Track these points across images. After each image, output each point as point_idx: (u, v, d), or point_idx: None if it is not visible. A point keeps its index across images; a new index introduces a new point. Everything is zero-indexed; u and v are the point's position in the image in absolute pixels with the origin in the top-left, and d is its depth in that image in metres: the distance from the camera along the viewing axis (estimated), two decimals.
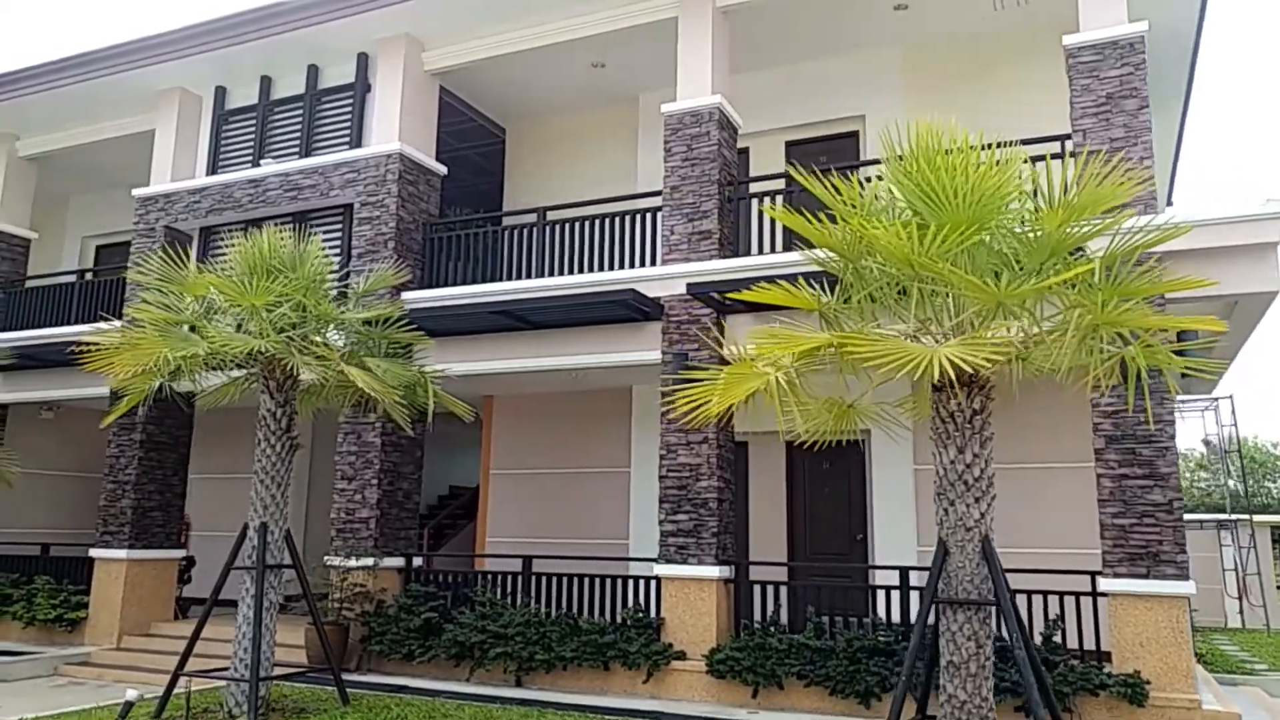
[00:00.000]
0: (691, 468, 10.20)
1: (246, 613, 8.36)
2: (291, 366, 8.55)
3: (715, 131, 10.84)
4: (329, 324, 8.49)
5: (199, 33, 13.52)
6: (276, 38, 13.12)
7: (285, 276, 8.36)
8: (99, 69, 14.32)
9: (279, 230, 8.86)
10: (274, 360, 8.51)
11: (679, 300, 10.60)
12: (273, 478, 8.59)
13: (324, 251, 9.03)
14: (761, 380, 6.00)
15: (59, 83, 14.68)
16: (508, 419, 14.26)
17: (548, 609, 10.74)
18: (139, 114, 15.05)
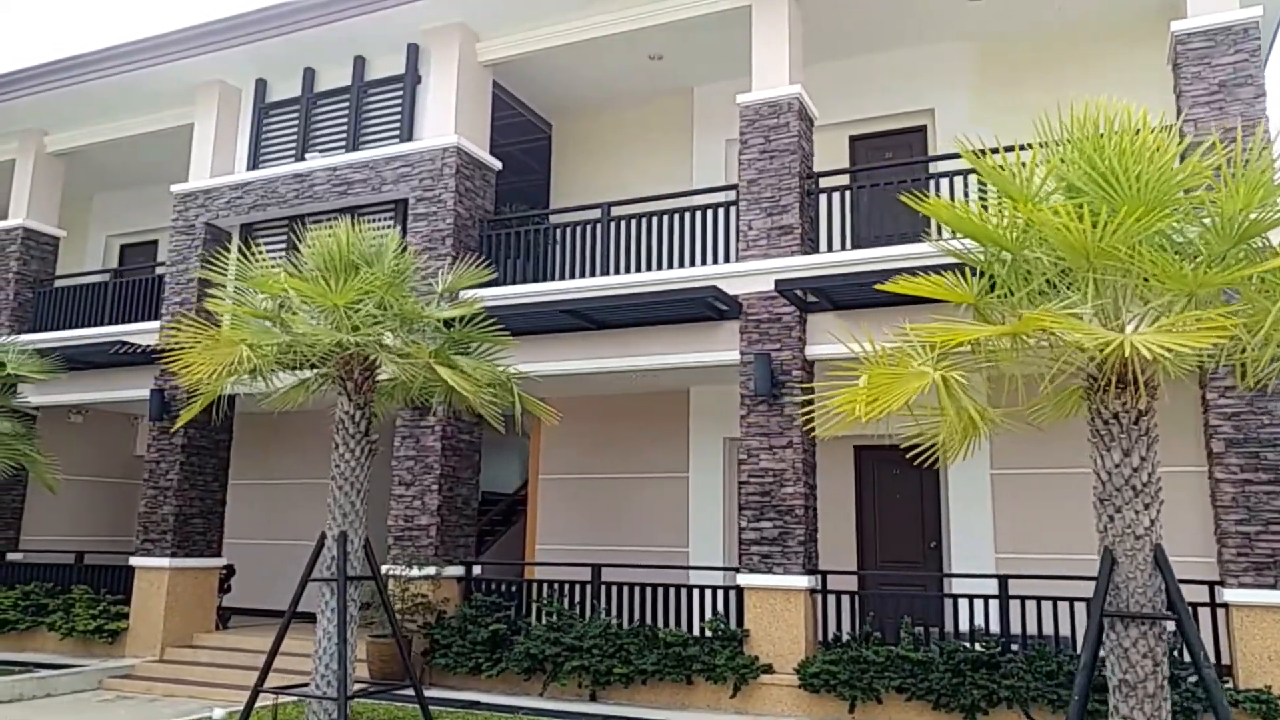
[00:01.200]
0: (775, 473, 9.78)
1: (327, 626, 7.90)
2: (374, 364, 8.11)
3: (795, 122, 10.44)
4: (411, 322, 8.02)
5: (239, 24, 13.06)
6: (321, 29, 12.68)
7: (365, 272, 7.90)
8: (132, 62, 13.85)
9: (356, 223, 8.39)
10: (354, 358, 8.07)
11: (759, 298, 10.18)
12: (351, 484, 8.14)
13: (403, 246, 8.57)
14: (923, 381, 5.56)
15: (89, 77, 14.21)
16: (558, 424, 13.77)
17: (617, 620, 10.30)
18: (172, 109, 14.59)
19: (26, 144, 15.56)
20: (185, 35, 13.43)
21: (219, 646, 12.39)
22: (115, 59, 13.94)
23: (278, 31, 12.93)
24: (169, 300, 13.42)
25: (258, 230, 13.54)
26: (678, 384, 12.79)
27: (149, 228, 17.92)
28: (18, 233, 15.23)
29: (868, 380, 5.94)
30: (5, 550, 14.49)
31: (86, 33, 33.96)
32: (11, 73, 14.78)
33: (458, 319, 8.28)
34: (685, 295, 9.94)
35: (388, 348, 7.68)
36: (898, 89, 12.45)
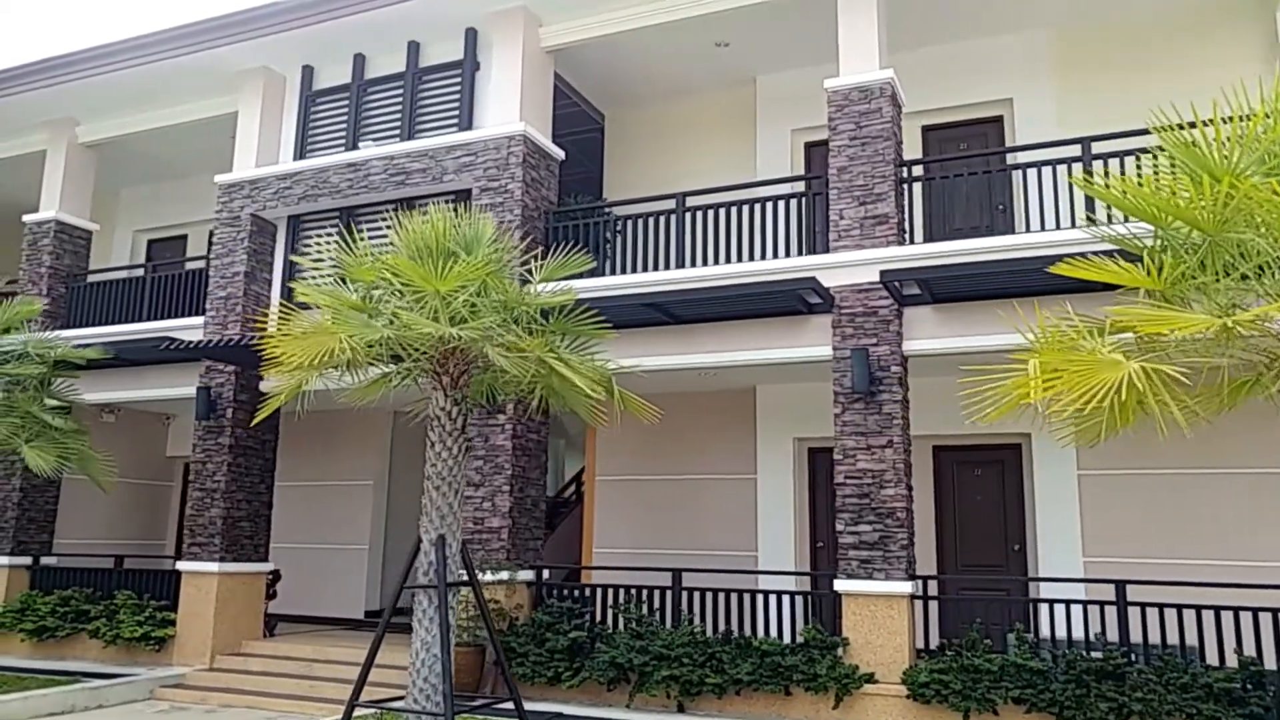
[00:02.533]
0: (874, 474, 9.36)
1: (426, 636, 7.44)
2: (470, 358, 7.65)
3: (887, 108, 10.04)
4: (513, 311, 7.56)
5: (286, 9, 12.58)
6: (373, 13, 12.22)
7: (465, 258, 7.44)
8: (171, 50, 13.36)
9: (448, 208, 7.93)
10: (451, 352, 7.61)
11: (852, 290, 9.76)
12: (449, 484, 7.68)
13: (498, 232, 8.12)
14: (1117, 372, 5.13)
15: (125, 65, 13.72)
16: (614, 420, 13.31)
17: (700, 626, 9.85)
18: (211, 98, 14.11)
19: (58, 135, 15.04)
20: (229, 21, 12.95)
21: (270, 655, 11.90)
22: (153, 46, 13.44)
23: (327, 16, 12.46)
24: (213, 294, 12.92)
25: (306, 222, 13.06)
26: (743, 382, 12.37)
27: (177, 222, 17.45)
28: (50, 226, 14.71)
29: (1039, 367, 5.51)
30: (39, 554, 13.94)
31: (121, 20, 33.05)
32: (43, 61, 14.29)
33: (556, 310, 7.81)
34: (777, 288, 9.52)
35: (499, 340, 7.20)
36: (973, 79, 12.07)
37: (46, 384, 10.83)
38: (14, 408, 10.29)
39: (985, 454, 11.66)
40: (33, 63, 14.35)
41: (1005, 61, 11.94)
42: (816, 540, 12.23)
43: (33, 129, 15.20)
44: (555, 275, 7.93)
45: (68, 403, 11.00)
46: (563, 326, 7.72)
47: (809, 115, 12.87)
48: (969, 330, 9.36)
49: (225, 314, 12.69)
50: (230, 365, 12.46)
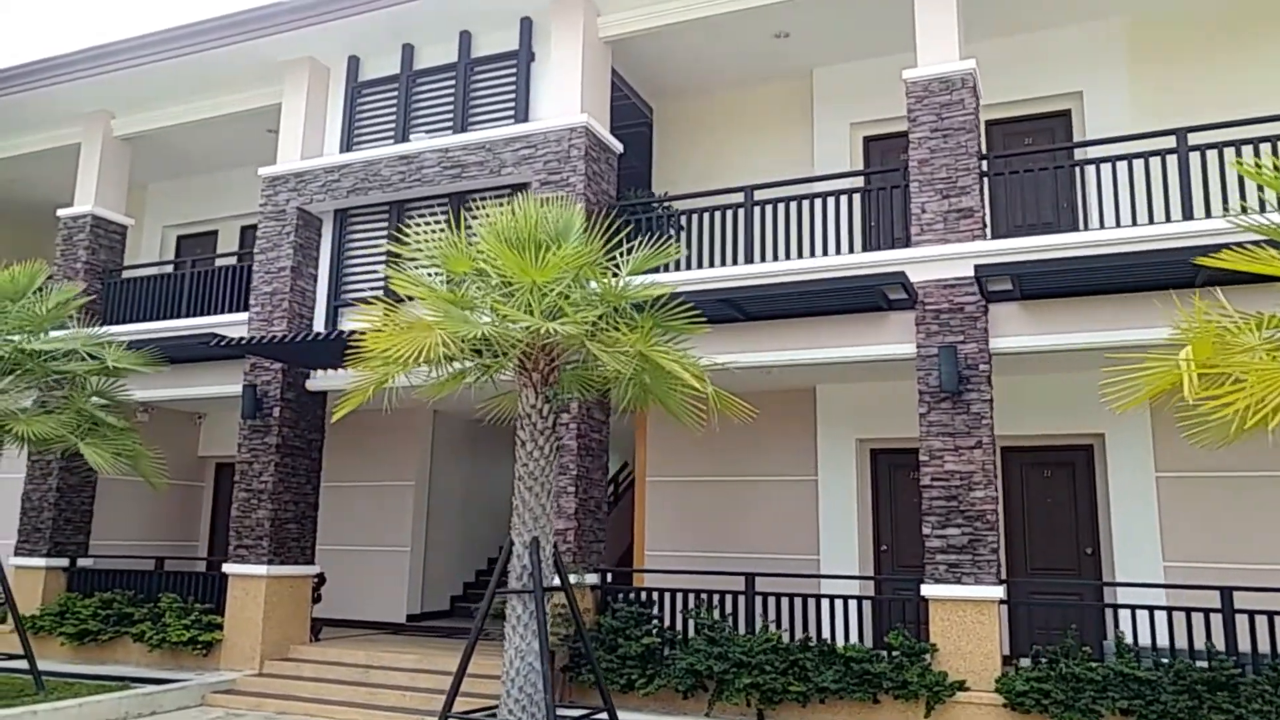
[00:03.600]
0: (962, 475, 9.06)
1: (521, 644, 7.12)
2: (560, 353, 7.35)
3: (969, 99, 9.74)
4: (608, 305, 7.25)
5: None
6: (423, 2, 11.92)
7: (555, 250, 7.14)
8: (212, 40, 13.05)
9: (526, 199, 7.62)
10: (541, 347, 7.30)
11: (936, 286, 9.48)
12: (541, 484, 7.38)
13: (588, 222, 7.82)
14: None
15: (164, 56, 13.41)
16: (666, 422, 12.97)
17: (779, 632, 9.55)
18: (250, 89, 13.79)
19: (93, 127, 14.71)
20: (273, 10, 12.65)
21: (321, 660, 11.57)
22: (194, 37, 13.13)
23: (375, 6, 12.17)
24: (258, 290, 12.59)
25: (354, 216, 12.74)
26: (803, 382, 12.08)
27: (207, 218, 17.13)
28: (86, 220, 14.38)
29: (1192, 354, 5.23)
30: (76, 556, 13.60)
31: (160, 10, 32.60)
32: (79, 52, 13.99)
33: (649, 304, 7.50)
34: (861, 283, 9.22)
35: (601, 335, 6.89)
36: (1041, 72, 11.78)
37: (99, 382, 10.47)
38: (67, 404, 9.94)
39: (1055, 455, 11.39)
40: (69, 54, 14.05)
41: (1075, 53, 11.66)
42: (880, 544, 11.94)
43: (67, 121, 14.86)
44: (644, 266, 7.62)
45: (114, 400, 10.64)
46: (657, 321, 7.38)
47: (868, 109, 12.66)
48: (1060, 328, 9.09)
49: (271, 310, 12.36)
50: (277, 363, 12.13)
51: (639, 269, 7.70)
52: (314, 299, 12.68)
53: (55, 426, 9.52)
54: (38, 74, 14.17)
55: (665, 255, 7.66)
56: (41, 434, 9.37)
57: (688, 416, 7.66)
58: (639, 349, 6.85)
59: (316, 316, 12.63)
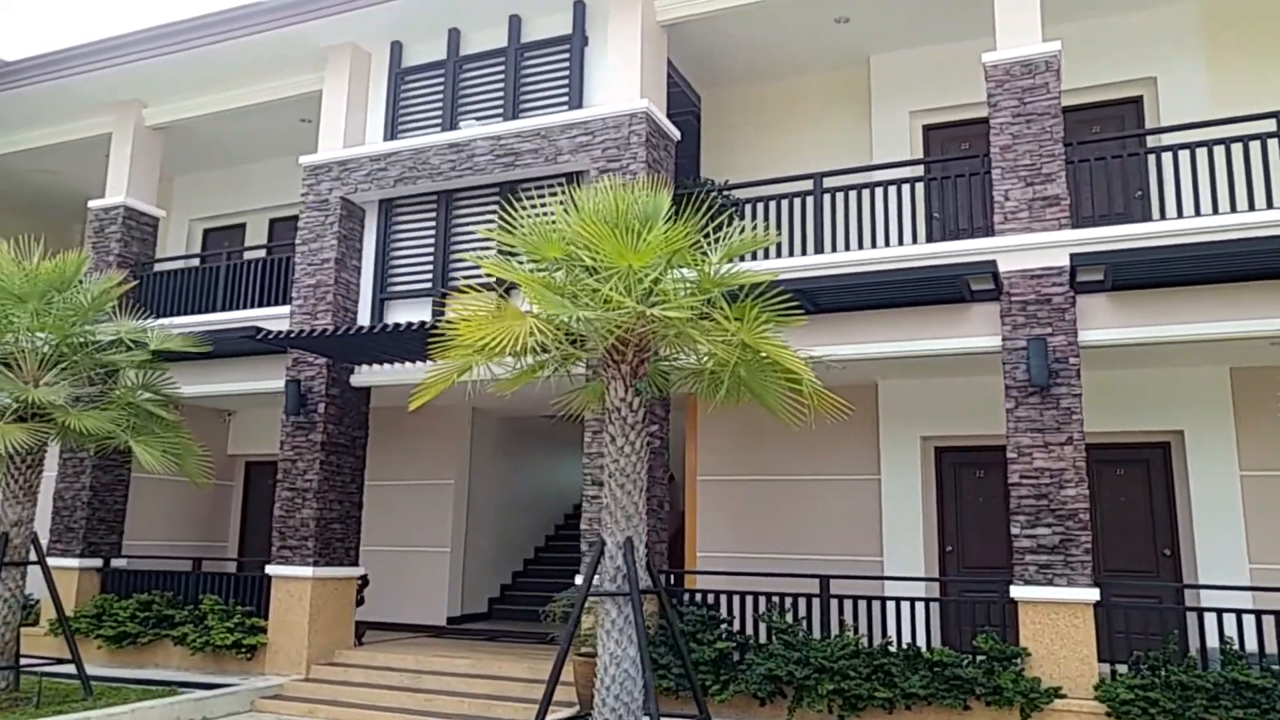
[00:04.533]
0: (1053, 473, 8.70)
1: (615, 649, 6.76)
2: (649, 343, 6.99)
3: (1054, 83, 9.39)
4: (705, 291, 6.88)
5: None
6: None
7: (644, 235, 6.77)
8: (250, 26, 12.68)
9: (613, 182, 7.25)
10: (630, 338, 6.94)
11: (1022, 276, 9.12)
12: (633, 481, 7.02)
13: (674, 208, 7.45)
14: None
15: (199, 42, 13.03)
16: (718, 420, 12.62)
17: (861, 636, 9.19)
18: (287, 77, 13.42)
19: (124, 116, 14.32)
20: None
21: (368, 665, 11.20)
22: (231, 23, 12.77)
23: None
24: (300, 282, 12.21)
25: (400, 206, 12.36)
26: (864, 377, 11.70)
27: (234, 210, 16.76)
28: (119, 212, 14.01)
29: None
30: (109, 556, 13.22)
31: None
32: (112, 39, 13.60)
33: (744, 292, 7.13)
34: (947, 273, 8.86)
35: (696, 324, 6.53)
36: (1111, 57, 11.43)
37: (143, 375, 10.09)
38: (116, 399, 9.56)
39: (1129, 453, 11.03)
40: (100, 41, 13.66)
41: (1148, 38, 11.32)
42: (945, 545, 11.58)
43: (97, 111, 14.48)
44: (738, 252, 7.25)
45: (162, 396, 10.26)
46: (754, 310, 6.99)
47: (928, 97, 12.33)
48: (1153, 319, 8.74)
49: (315, 303, 11.99)
50: (322, 357, 11.75)
51: (734, 253, 7.34)
52: (358, 291, 12.30)
53: (105, 421, 9.12)
54: (68, 62, 13.80)
55: (760, 241, 7.29)
56: (93, 429, 8.99)
57: (784, 412, 7.27)
58: (742, 338, 6.48)
59: (361, 309, 12.26)
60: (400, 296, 12.01)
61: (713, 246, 7.42)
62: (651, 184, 9.78)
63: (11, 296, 9.25)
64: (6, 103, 14.55)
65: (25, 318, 9.34)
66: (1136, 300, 8.85)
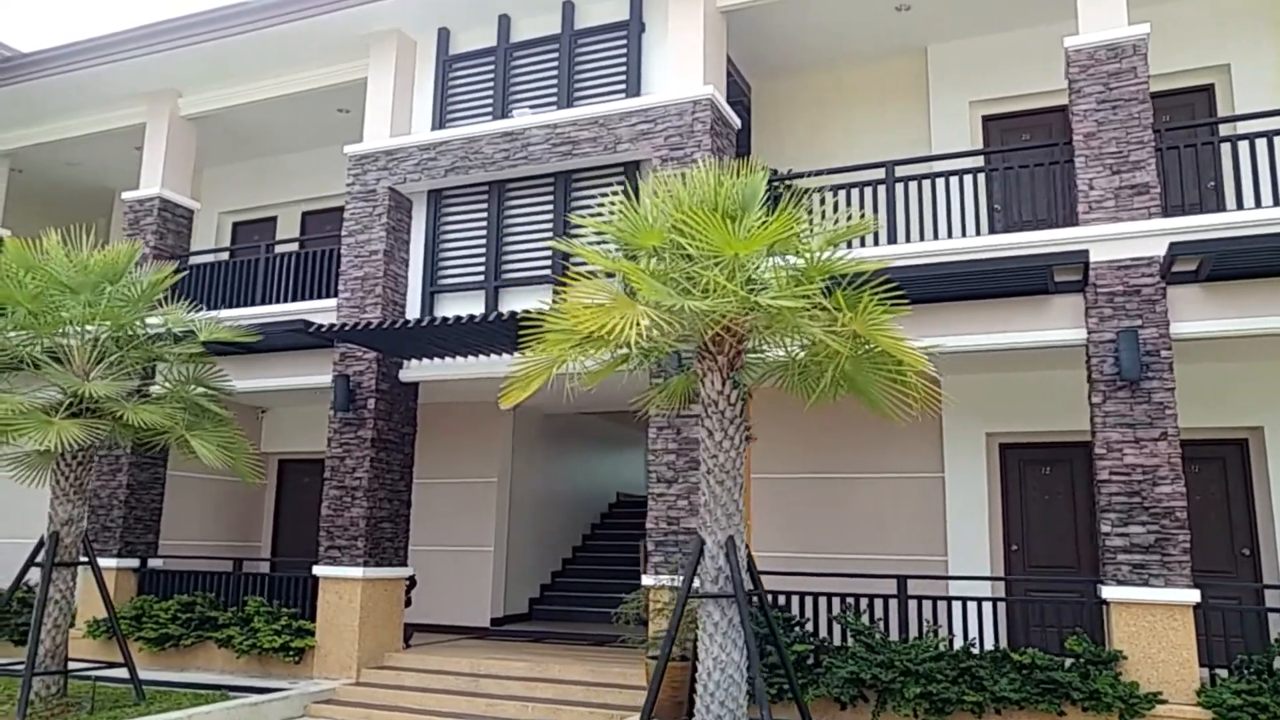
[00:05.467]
0: (1146, 470, 8.42)
1: (719, 654, 6.46)
2: (745, 334, 6.70)
3: (1141, 67, 9.10)
4: (803, 279, 6.58)
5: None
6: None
7: (744, 222, 6.48)
8: (292, 12, 12.37)
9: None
10: (727, 329, 6.65)
11: (1108, 267, 8.83)
12: (732, 477, 6.73)
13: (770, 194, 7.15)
14: None
15: (238, 30, 12.73)
16: (772, 414, 12.29)
17: (937, 638, 8.89)
18: (328, 65, 13.13)
19: (159, 107, 14.01)
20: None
21: (420, 668, 10.90)
22: (271, 9, 12.46)
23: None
24: (347, 275, 11.90)
25: (449, 197, 12.05)
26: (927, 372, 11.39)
27: (265, 203, 16.46)
28: (154, 203, 13.70)
29: None
30: (146, 556, 12.91)
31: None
32: (147, 26, 13.30)
33: (845, 279, 6.83)
34: (1033, 263, 8.57)
35: (819, 314, 6.24)
36: (1180, 45, 11.13)
37: (194, 369, 9.77)
38: (171, 393, 9.24)
39: (1205, 450, 10.72)
40: (135, 29, 13.36)
41: (1216, 25, 11.03)
42: (1010, 543, 11.29)
43: (130, 101, 14.17)
44: (840, 238, 6.94)
45: (214, 389, 9.94)
46: (868, 300, 6.64)
47: (988, 87, 12.06)
48: (1249, 311, 8.45)
49: (363, 296, 11.69)
50: (371, 352, 11.45)
51: (837, 239, 7.04)
52: (406, 284, 11.99)
53: (161, 416, 8.80)
54: (99, 51, 13.48)
55: (861, 226, 6.98)
56: (152, 423, 8.67)
57: (888, 408, 6.97)
58: (854, 328, 6.18)
59: (410, 303, 11.96)
60: (451, 290, 11.71)
61: (809, 234, 7.12)
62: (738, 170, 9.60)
63: (64, 288, 8.94)
64: (31, 93, 14.26)
65: (77, 309, 9.02)
66: (1227, 291, 8.58)
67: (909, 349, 6.26)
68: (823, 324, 6.29)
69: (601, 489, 17.95)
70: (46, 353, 9.28)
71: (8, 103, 14.47)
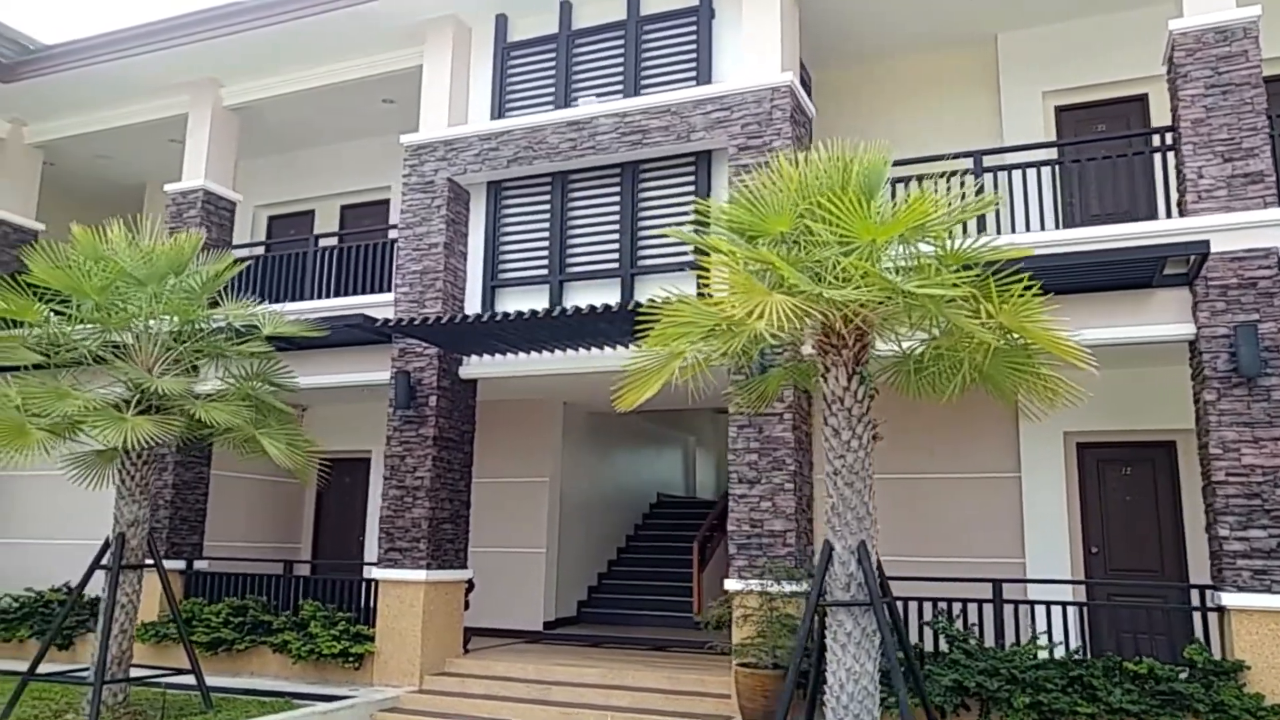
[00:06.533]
0: (1266, 470, 8.07)
1: (853, 665, 6.12)
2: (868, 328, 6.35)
3: (1253, 50, 8.75)
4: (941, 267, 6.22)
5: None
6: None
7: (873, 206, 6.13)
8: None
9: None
10: (874, 316, 6.30)
11: (1222, 259, 8.48)
12: (861, 479, 6.38)
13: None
14: None
15: (287, 17, 12.35)
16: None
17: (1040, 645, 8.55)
18: (376, 54, 12.79)
19: (201, 96, 13.64)
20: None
21: (485, 675, 10.54)
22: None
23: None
24: (405, 268, 11.53)
25: (510, 188, 11.68)
26: None
27: (303, 197, 16.07)
28: (198, 195, 13.33)
29: None
30: (192, 558, 12.54)
31: None
32: (189, 14, 12.92)
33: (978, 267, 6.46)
34: (1147, 254, 8.22)
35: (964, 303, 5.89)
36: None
37: (258, 364, 9.39)
38: (238, 389, 8.87)
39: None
40: (178, 16, 12.99)
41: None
42: (1090, 546, 10.94)
43: (171, 90, 13.80)
44: (970, 216, 6.55)
45: (279, 386, 9.56)
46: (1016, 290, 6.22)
47: (1061, 76, 11.72)
48: None
49: (422, 290, 11.32)
50: (433, 347, 11.09)
51: (965, 217, 6.67)
52: (464, 278, 11.63)
53: (229, 414, 8.43)
54: (145, 38, 13.10)
55: (985, 204, 6.59)
56: (223, 421, 8.29)
57: (1025, 404, 6.63)
58: (1001, 319, 5.83)
59: (469, 297, 11.59)
60: (513, 284, 11.34)
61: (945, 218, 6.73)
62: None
63: (131, 279, 8.55)
64: (67, 84, 13.89)
65: (143, 301, 8.65)
66: None
67: (1067, 343, 5.89)
68: (965, 313, 5.91)
69: (643, 489, 17.60)
70: (108, 347, 8.90)
71: (45, 93, 14.13)
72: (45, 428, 7.98)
